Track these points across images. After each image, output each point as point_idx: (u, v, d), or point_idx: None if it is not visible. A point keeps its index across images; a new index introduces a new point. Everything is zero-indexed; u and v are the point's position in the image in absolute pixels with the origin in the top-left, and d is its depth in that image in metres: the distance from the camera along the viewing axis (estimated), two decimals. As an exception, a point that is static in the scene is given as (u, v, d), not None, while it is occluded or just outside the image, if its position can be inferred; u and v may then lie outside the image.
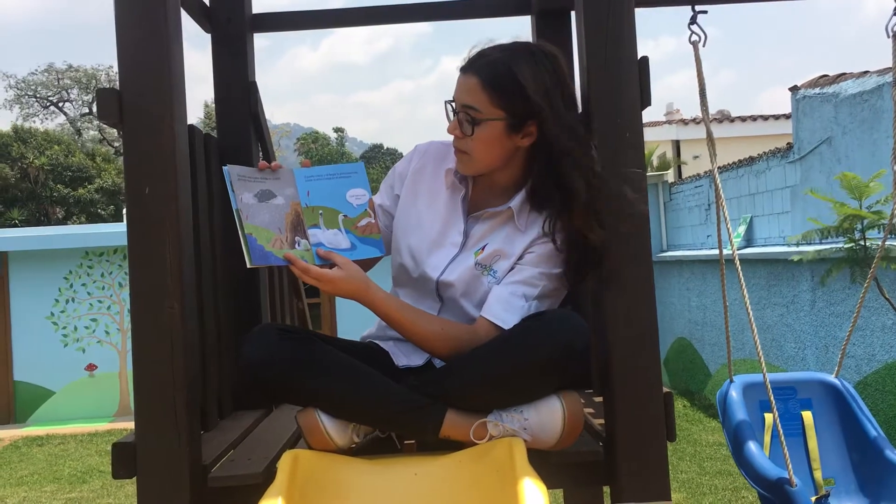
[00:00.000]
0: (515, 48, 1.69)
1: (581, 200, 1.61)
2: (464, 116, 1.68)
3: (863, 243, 4.71)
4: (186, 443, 1.51)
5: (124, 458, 1.55)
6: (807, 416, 2.43)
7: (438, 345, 1.68)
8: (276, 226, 1.63)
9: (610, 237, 1.58)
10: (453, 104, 1.72)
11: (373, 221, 1.72)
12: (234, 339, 2.17)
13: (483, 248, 1.75)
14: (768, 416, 2.37)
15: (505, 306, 1.68)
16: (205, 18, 2.30)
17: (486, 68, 1.66)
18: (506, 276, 1.72)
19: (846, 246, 4.80)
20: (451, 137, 1.74)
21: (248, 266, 1.58)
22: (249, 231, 1.58)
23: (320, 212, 1.68)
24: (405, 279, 1.82)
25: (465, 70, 1.70)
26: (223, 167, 1.62)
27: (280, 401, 2.10)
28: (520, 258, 1.73)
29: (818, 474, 2.36)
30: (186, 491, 1.51)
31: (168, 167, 1.53)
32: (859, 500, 2.34)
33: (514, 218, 1.73)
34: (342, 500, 1.48)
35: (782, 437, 2.01)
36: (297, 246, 1.63)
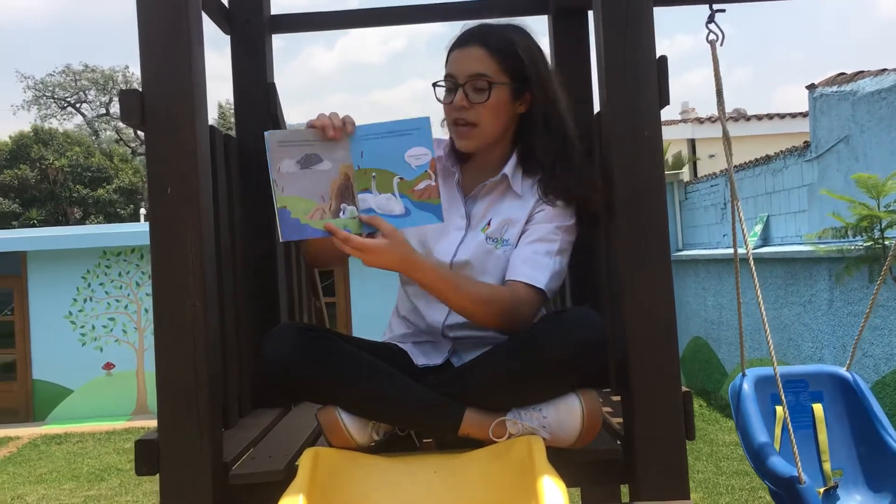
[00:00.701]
0: (503, 24, 1.82)
1: (570, 160, 1.76)
2: (473, 86, 1.74)
3: (882, 242, 4.68)
4: (208, 440, 1.53)
5: (147, 455, 1.57)
6: (817, 408, 2.43)
7: (486, 310, 1.64)
8: (318, 194, 1.54)
9: (629, 232, 1.58)
10: (448, 81, 1.77)
11: (433, 185, 1.59)
12: (253, 338, 2.19)
13: (489, 223, 1.77)
14: (780, 409, 2.37)
15: (532, 265, 1.70)
16: (224, 20, 2.32)
17: (489, 38, 1.75)
18: (519, 240, 1.75)
19: (865, 244, 4.77)
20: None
21: (281, 240, 1.54)
22: (283, 204, 1.51)
23: (373, 174, 1.58)
24: (411, 284, 1.83)
25: (464, 44, 1.77)
26: (265, 132, 1.54)
27: (301, 399, 2.12)
28: (528, 221, 1.76)
29: (827, 466, 2.36)
30: (208, 488, 1.52)
31: (189, 167, 1.55)
32: (866, 492, 2.34)
33: (510, 184, 1.78)
34: (362, 498, 1.49)
35: (791, 432, 2.01)
36: (341, 214, 1.55)
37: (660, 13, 2.15)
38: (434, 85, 1.79)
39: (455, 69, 1.76)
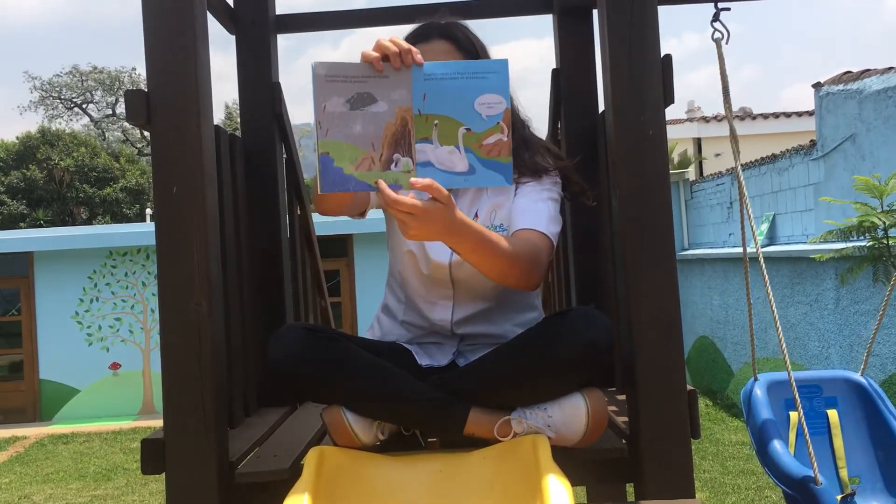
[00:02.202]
0: (444, 19, 1.82)
1: (528, 141, 1.80)
2: None
3: (886, 241, 4.67)
4: (214, 439, 1.53)
5: (153, 455, 1.58)
6: (832, 414, 2.41)
7: (518, 268, 1.58)
8: (368, 140, 1.35)
9: (632, 231, 1.58)
10: None
11: (504, 140, 1.39)
12: (258, 338, 2.19)
13: (476, 215, 1.77)
14: (793, 415, 2.35)
15: (532, 212, 1.71)
16: (229, 20, 2.32)
17: (449, 31, 1.77)
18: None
19: (869, 244, 4.76)
20: None
21: (319, 193, 1.36)
22: (325, 150, 1.32)
23: (435, 122, 1.38)
24: (412, 272, 1.82)
25: (425, 37, 1.76)
26: (312, 63, 1.34)
27: (306, 398, 2.12)
28: (515, 194, 1.77)
29: (844, 473, 2.34)
30: (214, 486, 1.53)
31: (195, 167, 1.55)
32: (885, 499, 2.32)
33: None
34: (367, 496, 1.49)
35: (807, 436, 1.99)
36: (393, 166, 1.36)
37: (668, 11, 2.15)
38: None
39: None
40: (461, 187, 1.46)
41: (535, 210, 1.71)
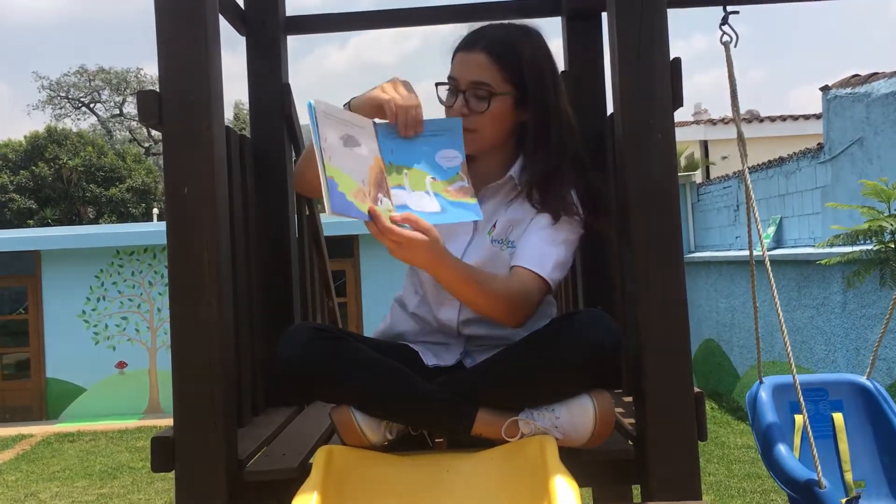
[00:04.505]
0: (512, 27, 1.77)
1: (562, 178, 1.72)
2: (475, 93, 1.71)
3: (893, 245, 4.67)
4: (223, 437, 1.54)
5: (163, 452, 1.59)
6: (837, 417, 2.41)
7: (501, 306, 1.63)
8: (359, 177, 1.46)
9: (640, 234, 1.58)
10: (451, 83, 1.75)
11: (466, 186, 1.57)
12: (267, 337, 2.21)
13: (495, 224, 1.76)
14: (798, 418, 2.35)
15: (538, 253, 1.68)
16: (240, 21, 2.34)
17: (493, 45, 1.72)
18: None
19: (875, 248, 4.76)
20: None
21: (328, 212, 1.44)
22: (331, 174, 1.41)
23: (405, 172, 1.53)
24: (423, 275, 1.83)
25: (469, 48, 1.74)
26: (308, 101, 1.45)
27: (315, 398, 2.13)
28: (533, 219, 1.74)
29: (849, 476, 2.34)
30: (223, 484, 1.54)
31: (206, 167, 1.57)
32: (889, 503, 2.32)
33: (517, 186, 1.76)
34: (375, 496, 1.50)
35: (812, 439, 2.00)
36: (378, 204, 1.47)
37: (677, 11, 2.15)
38: (437, 85, 1.78)
39: (458, 73, 1.74)
40: (437, 223, 1.55)
41: (543, 252, 1.69)
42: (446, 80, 1.77)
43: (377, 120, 1.57)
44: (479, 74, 1.70)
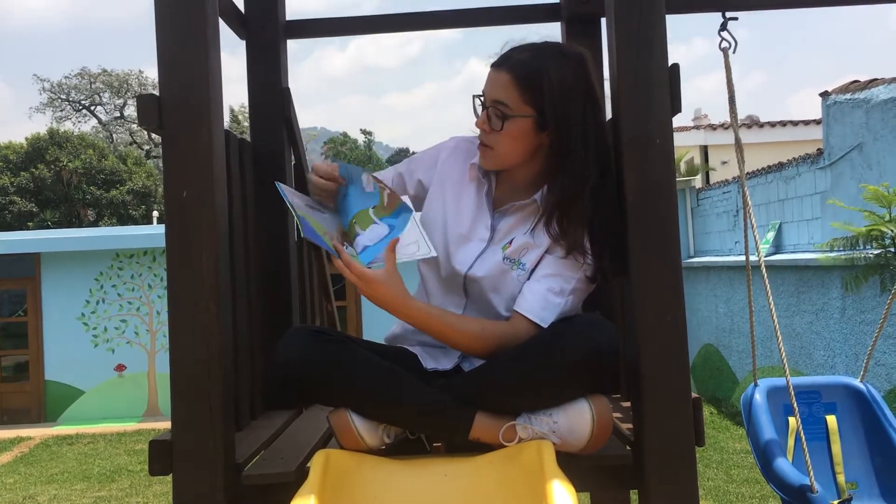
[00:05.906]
0: (546, 48, 1.72)
1: (580, 213, 1.68)
2: (493, 111, 1.70)
3: (893, 250, 4.67)
4: (221, 441, 1.54)
5: (160, 455, 1.59)
6: (831, 420, 2.42)
7: (479, 345, 1.68)
8: (329, 229, 1.68)
9: (638, 240, 1.59)
10: (482, 98, 1.74)
11: (388, 191, 1.74)
12: (265, 340, 2.21)
13: (510, 242, 1.75)
14: (792, 420, 2.36)
15: (542, 304, 1.67)
16: (240, 25, 2.34)
17: (518, 66, 1.68)
18: (535, 267, 1.73)
19: (875, 252, 4.77)
20: (475, 133, 1.77)
21: (301, 236, 1.67)
22: (303, 215, 1.63)
23: (355, 221, 1.70)
24: (433, 274, 1.83)
25: (497, 66, 1.72)
26: (275, 183, 1.69)
27: (313, 401, 2.13)
28: (548, 250, 1.72)
29: (841, 478, 2.35)
30: (221, 488, 1.54)
31: (205, 171, 1.57)
32: (881, 504, 2.33)
33: (540, 211, 1.74)
34: (372, 500, 1.50)
35: (804, 443, 2.01)
36: (346, 249, 1.67)
37: (676, 17, 2.15)
38: (474, 97, 1.76)
39: (486, 89, 1.73)
40: (400, 236, 1.70)
41: (548, 303, 1.68)
42: (481, 94, 1.76)
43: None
44: (500, 94, 1.69)
